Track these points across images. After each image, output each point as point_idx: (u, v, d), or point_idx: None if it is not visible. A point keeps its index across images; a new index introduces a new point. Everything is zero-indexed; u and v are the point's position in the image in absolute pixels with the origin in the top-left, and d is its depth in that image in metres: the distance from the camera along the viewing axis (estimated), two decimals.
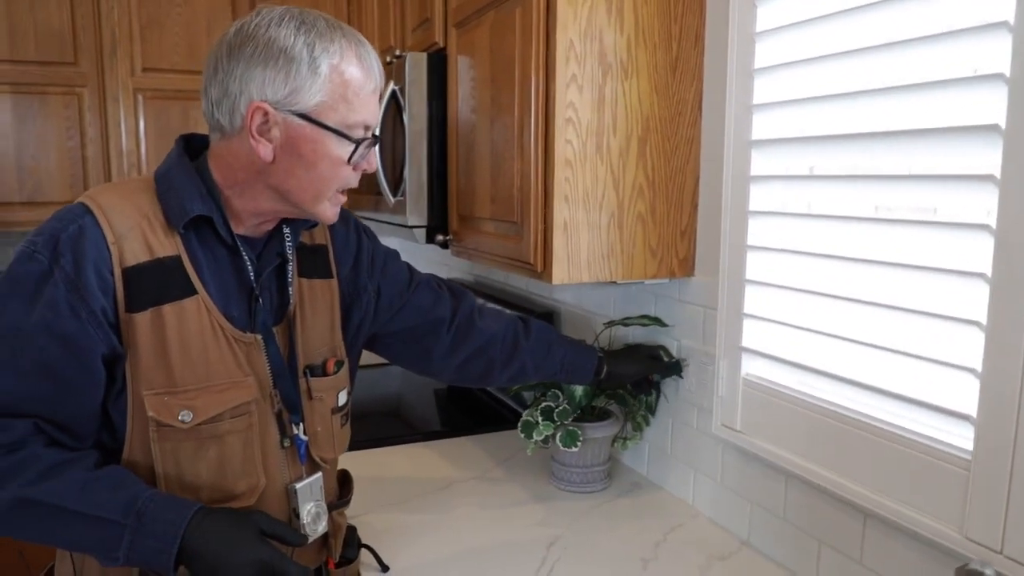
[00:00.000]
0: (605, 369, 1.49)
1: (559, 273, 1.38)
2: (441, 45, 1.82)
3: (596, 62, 1.35)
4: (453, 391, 2.50)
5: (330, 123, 0.98)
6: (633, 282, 1.52)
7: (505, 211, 1.50)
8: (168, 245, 0.99)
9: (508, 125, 1.46)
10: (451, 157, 1.77)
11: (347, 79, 0.98)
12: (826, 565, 1.25)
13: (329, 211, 1.05)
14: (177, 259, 0.99)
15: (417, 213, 1.82)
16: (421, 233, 1.84)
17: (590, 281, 1.42)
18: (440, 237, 1.81)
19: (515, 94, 1.42)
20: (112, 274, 0.94)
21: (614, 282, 1.48)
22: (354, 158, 1.02)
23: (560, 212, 1.36)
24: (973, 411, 0.97)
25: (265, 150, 0.98)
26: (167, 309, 0.97)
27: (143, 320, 0.96)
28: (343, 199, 1.07)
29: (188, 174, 1.02)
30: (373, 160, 1.06)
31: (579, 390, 1.54)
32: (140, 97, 2.76)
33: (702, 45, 1.44)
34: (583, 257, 1.40)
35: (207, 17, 2.81)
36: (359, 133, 1.01)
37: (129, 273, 0.95)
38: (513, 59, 1.42)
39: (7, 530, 0.92)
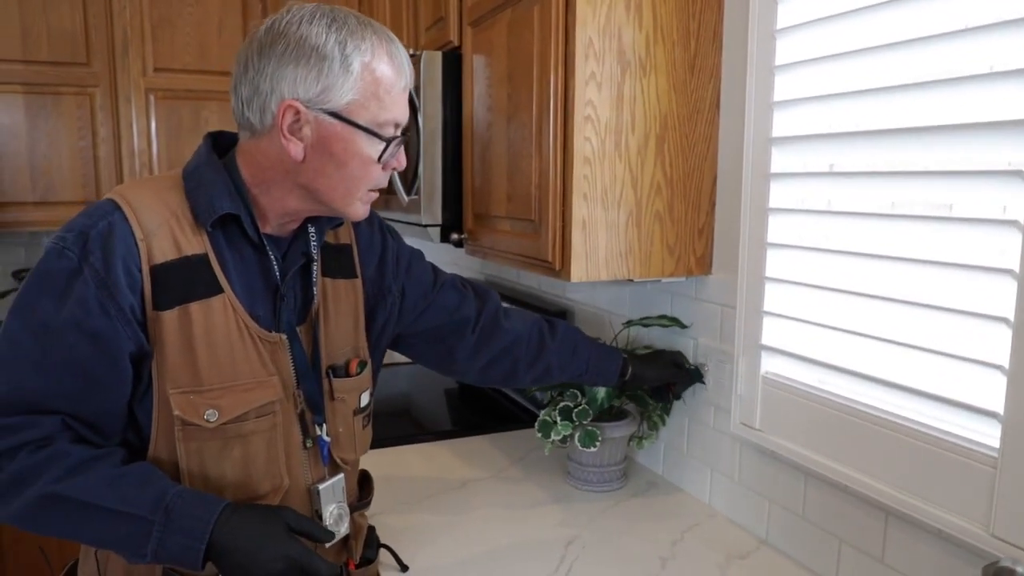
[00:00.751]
0: (630, 371, 1.48)
1: (577, 271, 1.38)
2: (456, 44, 1.82)
3: (615, 59, 1.35)
4: (464, 390, 2.49)
5: (361, 121, 0.97)
6: (649, 280, 1.52)
7: (522, 209, 1.50)
8: (196, 243, 0.98)
9: (526, 123, 1.46)
10: (466, 156, 1.77)
11: (378, 77, 0.97)
12: (847, 564, 1.25)
13: (360, 210, 1.05)
14: (204, 257, 0.99)
15: (431, 212, 1.82)
16: (435, 232, 1.83)
17: (608, 279, 1.42)
18: (455, 236, 1.81)
19: (533, 92, 1.42)
20: (140, 271, 0.94)
21: (630, 280, 1.48)
22: (384, 157, 1.01)
23: (579, 210, 1.36)
24: (1000, 408, 0.97)
25: (296, 149, 0.97)
26: (194, 307, 0.97)
27: (170, 318, 0.96)
28: (374, 197, 1.06)
29: (217, 172, 1.01)
30: (403, 158, 1.05)
31: (601, 392, 1.53)
32: (151, 97, 2.78)
33: (720, 42, 1.44)
34: (601, 255, 1.40)
35: (218, 17, 2.82)
36: (389, 131, 1.01)
37: (157, 271, 0.95)
38: (531, 57, 1.42)
39: (35, 526, 0.92)
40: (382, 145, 1.00)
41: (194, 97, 2.84)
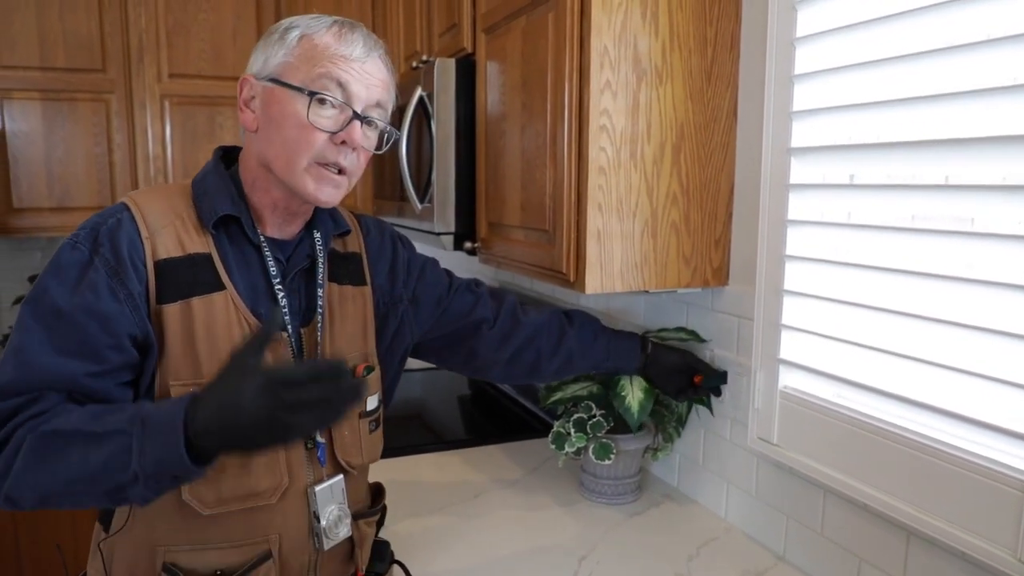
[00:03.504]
0: (650, 346, 1.50)
1: (592, 282, 1.36)
2: (469, 51, 1.81)
3: (630, 68, 1.33)
4: (477, 398, 2.48)
5: (293, 82, 1.01)
6: (665, 291, 1.50)
7: (536, 219, 1.48)
8: (199, 243, 1.03)
9: (540, 132, 1.44)
10: (479, 164, 1.75)
11: (315, 43, 1.02)
12: None
13: (311, 186, 1.03)
14: (207, 256, 1.03)
15: (444, 220, 1.81)
16: (448, 240, 1.82)
17: (623, 291, 1.40)
18: (468, 244, 1.79)
19: (547, 101, 1.40)
20: (145, 266, 0.99)
21: (646, 291, 1.46)
22: (311, 115, 1.00)
23: (593, 221, 1.34)
24: None
25: (248, 118, 1.05)
26: (196, 302, 1.00)
27: (172, 311, 0.99)
28: (330, 178, 1.04)
29: (222, 179, 1.08)
30: (355, 135, 1.03)
31: (635, 404, 1.48)
32: (166, 103, 2.78)
33: (737, 50, 1.41)
34: (616, 266, 1.38)
35: (232, 23, 2.82)
36: (321, 86, 1.00)
37: (161, 266, 0.99)
38: (545, 65, 1.40)
39: (34, 468, 0.89)
40: (307, 100, 1.00)
41: (208, 103, 2.84)
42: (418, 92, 1.81)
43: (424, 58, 1.89)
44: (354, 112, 1.02)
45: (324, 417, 0.84)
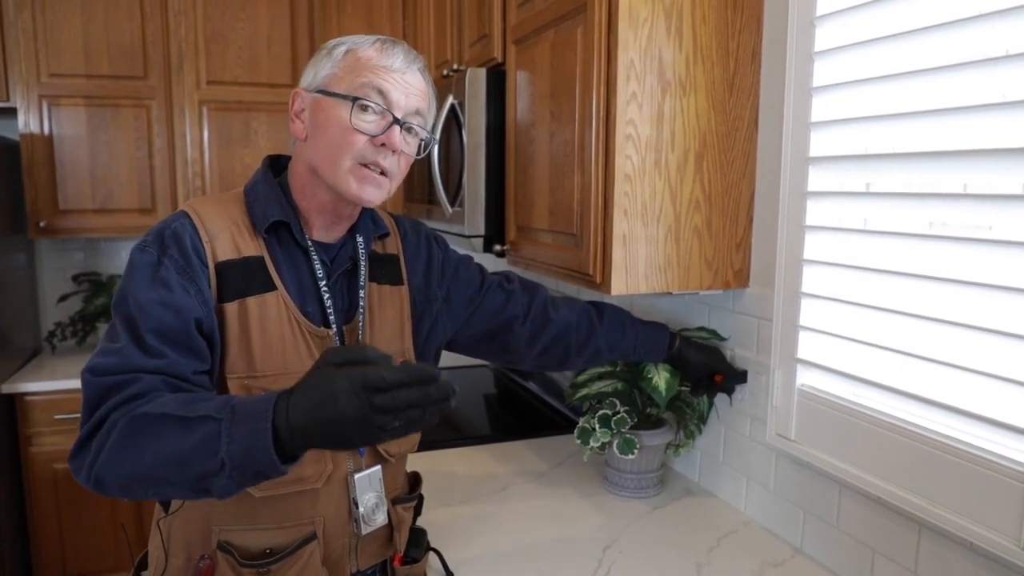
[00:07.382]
0: (677, 343, 1.56)
1: (618, 284, 1.42)
2: (499, 60, 1.88)
3: (655, 79, 1.39)
4: (503, 395, 2.55)
5: (337, 91, 1.09)
6: (688, 292, 1.56)
7: (564, 223, 1.55)
8: (253, 247, 1.11)
9: (568, 140, 1.51)
10: (509, 169, 1.82)
11: (358, 56, 1.10)
12: (880, 574, 1.27)
13: (353, 186, 1.10)
14: (260, 259, 1.11)
15: (474, 223, 1.88)
16: (478, 242, 1.89)
17: (647, 292, 1.46)
18: (497, 247, 1.86)
19: (575, 110, 1.47)
20: (207, 267, 1.07)
21: (669, 292, 1.52)
22: (353, 119, 1.07)
23: (619, 225, 1.41)
24: None
25: (298, 127, 1.14)
26: (251, 301, 1.09)
27: (231, 309, 1.08)
28: (373, 177, 1.10)
29: (271, 186, 1.16)
30: (395, 138, 1.09)
31: (662, 384, 1.54)
32: (204, 108, 2.89)
33: (759, 62, 1.47)
34: (641, 269, 1.44)
35: (267, 32, 2.92)
36: (363, 93, 1.08)
37: (220, 267, 1.08)
38: (574, 76, 1.47)
39: (124, 448, 0.94)
40: (350, 105, 1.08)
41: (244, 108, 2.94)
42: (449, 100, 1.89)
43: (455, 67, 1.96)
44: (395, 117, 1.10)
45: (413, 421, 0.83)
